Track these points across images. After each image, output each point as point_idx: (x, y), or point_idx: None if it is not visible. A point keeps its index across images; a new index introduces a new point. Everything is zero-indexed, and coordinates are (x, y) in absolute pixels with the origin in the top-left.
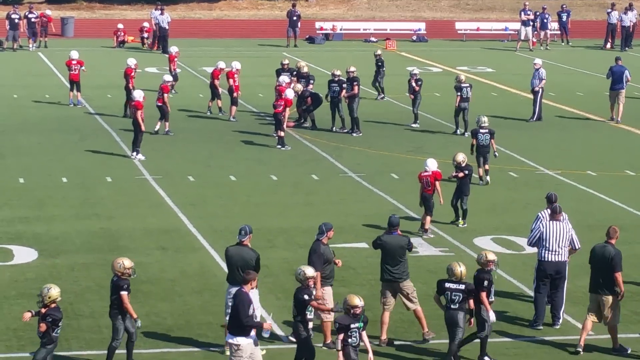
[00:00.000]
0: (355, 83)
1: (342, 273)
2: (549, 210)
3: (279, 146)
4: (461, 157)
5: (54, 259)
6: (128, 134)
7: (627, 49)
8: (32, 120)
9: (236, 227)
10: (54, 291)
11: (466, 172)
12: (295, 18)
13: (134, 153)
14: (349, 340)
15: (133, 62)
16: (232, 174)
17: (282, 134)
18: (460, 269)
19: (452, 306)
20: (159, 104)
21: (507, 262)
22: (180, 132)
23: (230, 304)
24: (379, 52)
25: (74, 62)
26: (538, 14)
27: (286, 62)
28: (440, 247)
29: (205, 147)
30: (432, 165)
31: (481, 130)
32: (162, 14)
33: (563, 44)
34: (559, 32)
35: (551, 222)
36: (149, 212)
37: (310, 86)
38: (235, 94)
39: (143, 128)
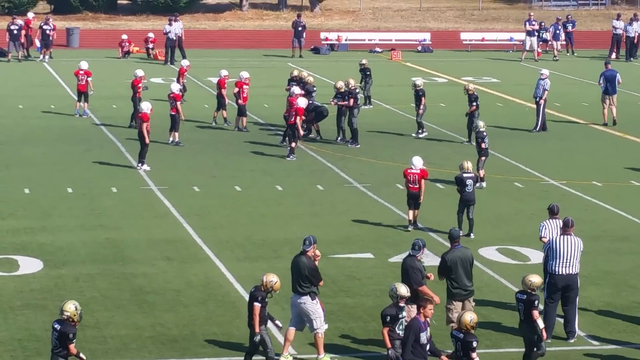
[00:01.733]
0: (351, 96)
1: (348, 284)
2: (553, 221)
3: (291, 157)
4: (467, 165)
5: (59, 270)
6: (133, 145)
7: (631, 59)
8: (38, 131)
9: (241, 237)
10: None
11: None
12: (300, 28)
13: (139, 164)
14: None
15: (141, 73)
16: (238, 184)
17: (295, 145)
18: (531, 279)
19: (520, 317)
20: (173, 113)
21: (513, 272)
22: (185, 142)
23: (292, 309)
24: (364, 61)
25: (81, 72)
26: (543, 24)
27: (295, 73)
28: None
29: (211, 158)
30: (418, 163)
31: (484, 134)
32: (170, 24)
33: (568, 54)
34: (564, 42)
35: (562, 236)
36: (154, 222)
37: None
38: (240, 101)
39: (147, 141)
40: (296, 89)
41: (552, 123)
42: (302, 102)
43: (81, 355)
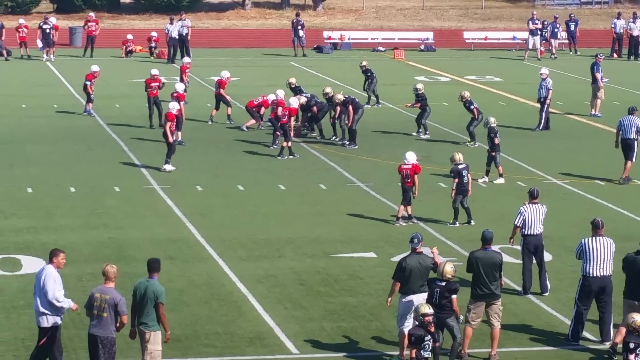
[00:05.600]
0: (350, 104)
1: (350, 283)
2: (532, 205)
3: (284, 156)
4: (459, 156)
5: (61, 269)
6: (136, 144)
7: (631, 57)
8: (40, 130)
9: (244, 236)
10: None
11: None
12: (299, 27)
13: (164, 164)
14: None
15: (155, 72)
16: (240, 183)
17: (289, 144)
18: None
19: None
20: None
21: (515, 271)
22: (188, 141)
23: (409, 316)
24: (364, 63)
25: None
26: (547, 23)
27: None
28: (448, 257)
29: (213, 157)
30: (411, 158)
31: (497, 130)
32: (171, 23)
33: (571, 53)
34: (567, 41)
35: (594, 237)
36: (156, 221)
37: (304, 98)
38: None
39: (170, 140)
40: (280, 92)
41: (555, 122)
42: (294, 102)
43: None
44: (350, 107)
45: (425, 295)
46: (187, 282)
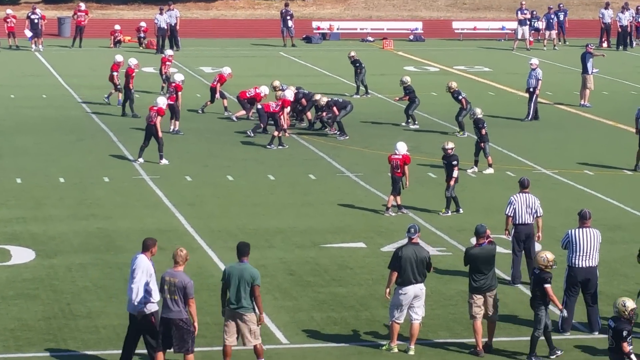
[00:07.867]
0: (334, 107)
1: (340, 273)
2: (522, 195)
3: (273, 146)
4: (451, 145)
5: (51, 260)
6: (125, 135)
7: (621, 48)
8: (29, 121)
9: (233, 227)
10: None
11: (454, 162)
12: (288, 17)
13: (160, 160)
14: None
15: (134, 62)
16: (230, 174)
17: (279, 134)
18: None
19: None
20: (171, 102)
21: (505, 261)
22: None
23: (404, 302)
24: (352, 53)
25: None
26: (535, 13)
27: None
28: (438, 247)
29: (203, 147)
30: (401, 148)
31: (483, 120)
32: (161, 13)
33: (560, 43)
34: (555, 31)
35: (581, 229)
36: (146, 212)
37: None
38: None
39: (160, 134)
40: (265, 89)
41: (544, 112)
42: (288, 94)
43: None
44: (335, 108)
45: (421, 286)
46: None
